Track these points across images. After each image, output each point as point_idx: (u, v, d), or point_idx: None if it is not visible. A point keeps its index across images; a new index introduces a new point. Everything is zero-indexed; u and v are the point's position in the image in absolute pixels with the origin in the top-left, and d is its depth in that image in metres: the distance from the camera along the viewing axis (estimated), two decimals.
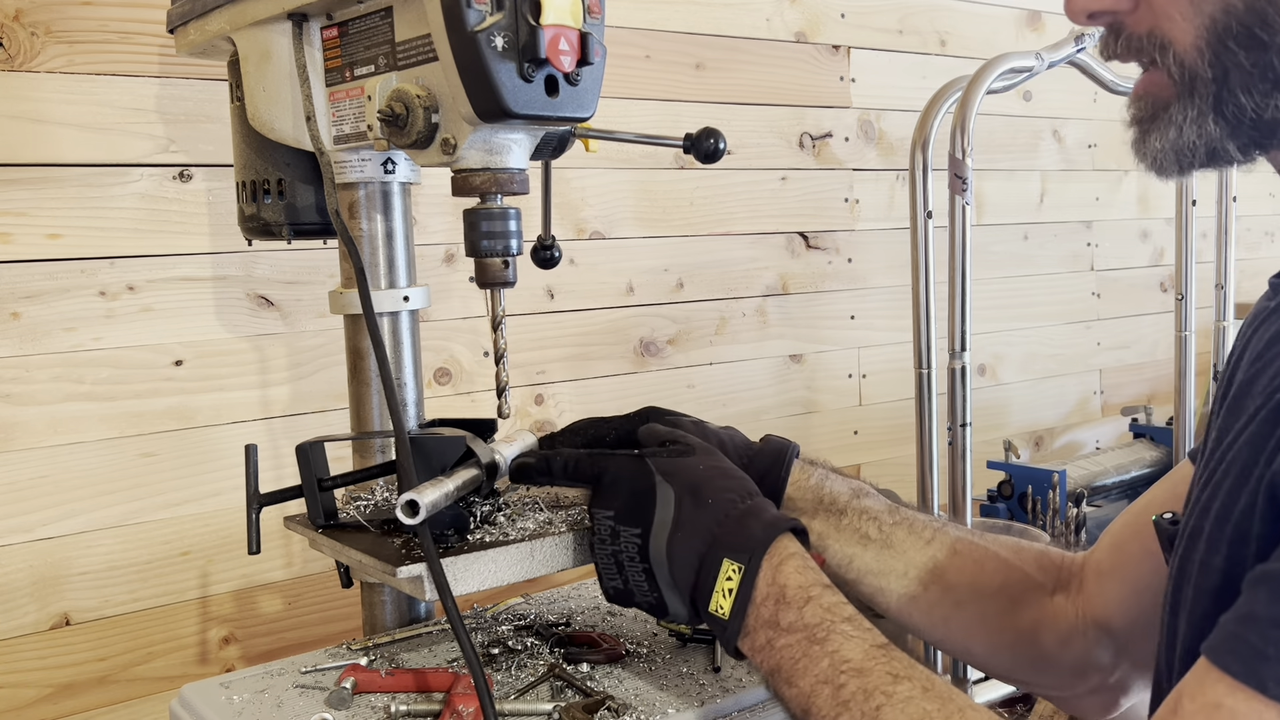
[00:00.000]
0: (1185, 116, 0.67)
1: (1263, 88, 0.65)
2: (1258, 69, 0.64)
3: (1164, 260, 2.73)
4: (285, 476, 1.39)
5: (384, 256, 1.12)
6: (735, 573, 0.81)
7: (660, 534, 0.84)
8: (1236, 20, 0.64)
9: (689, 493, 0.85)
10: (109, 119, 1.40)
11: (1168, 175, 0.71)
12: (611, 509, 0.88)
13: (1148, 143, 0.70)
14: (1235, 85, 0.65)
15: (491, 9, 0.86)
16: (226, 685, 1.03)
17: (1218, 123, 0.66)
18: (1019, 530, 1.72)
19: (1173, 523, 0.75)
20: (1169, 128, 0.68)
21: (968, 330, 1.31)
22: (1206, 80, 0.66)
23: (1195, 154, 0.68)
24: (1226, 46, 0.64)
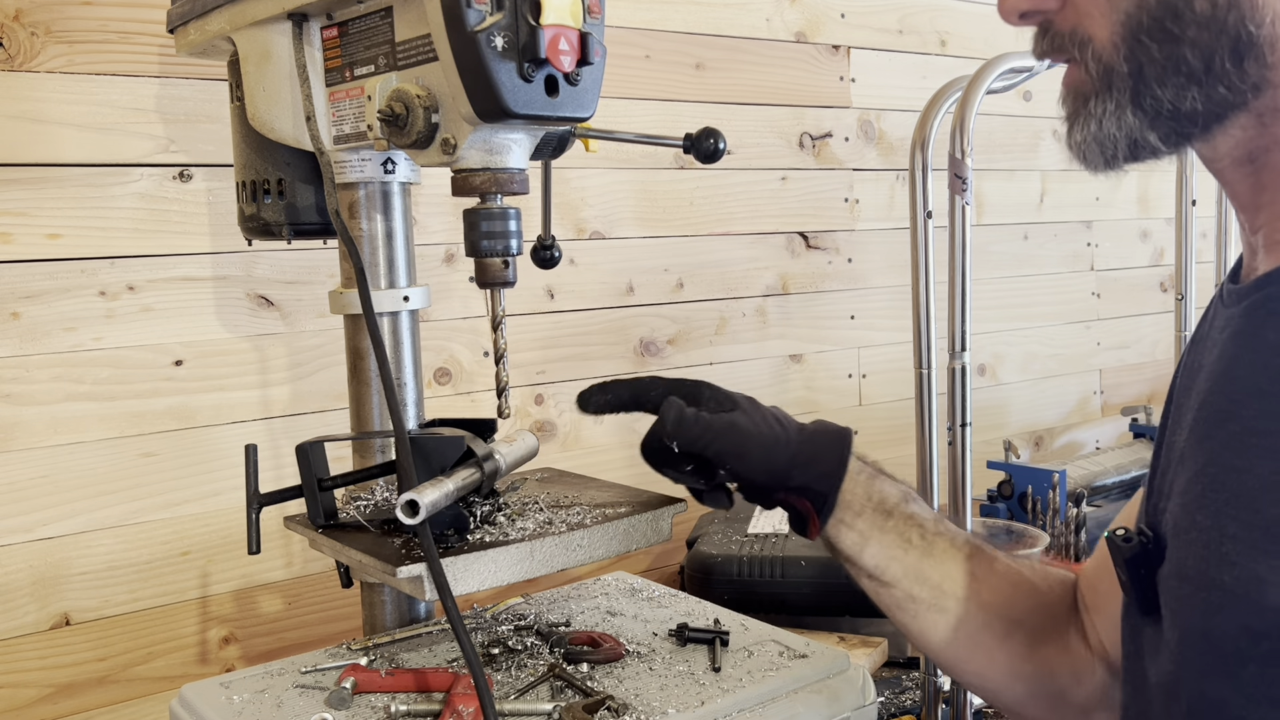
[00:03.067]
0: (1104, 110, 0.69)
1: (1177, 80, 0.66)
2: (1170, 61, 0.66)
3: (1164, 260, 2.73)
4: (285, 476, 1.39)
5: (384, 256, 1.12)
6: None
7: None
8: (1149, 15, 0.66)
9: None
10: (109, 119, 1.40)
11: (1095, 168, 0.72)
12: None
13: (1072, 136, 0.72)
14: (1150, 78, 0.67)
15: (491, 9, 0.86)
16: (226, 685, 1.03)
17: (1136, 114, 0.68)
18: (1019, 530, 1.72)
19: (1126, 539, 0.71)
20: (1089, 121, 0.70)
21: (968, 330, 1.30)
22: (1123, 74, 0.67)
23: (1117, 145, 0.69)
24: (1140, 41, 0.66)
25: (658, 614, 1.18)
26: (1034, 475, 1.93)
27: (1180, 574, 0.68)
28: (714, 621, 1.14)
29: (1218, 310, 0.75)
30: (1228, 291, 0.74)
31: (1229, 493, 0.65)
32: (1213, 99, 0.66)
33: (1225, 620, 0.64)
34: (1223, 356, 0.69)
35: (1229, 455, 0.66)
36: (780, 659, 1.05)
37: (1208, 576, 0.65)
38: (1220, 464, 0.66)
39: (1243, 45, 0.64)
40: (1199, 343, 0.76)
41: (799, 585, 1.49)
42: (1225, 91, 0.66)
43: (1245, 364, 0.67)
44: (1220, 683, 0.64)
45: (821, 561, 1.50)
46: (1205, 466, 0.67)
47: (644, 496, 1.12)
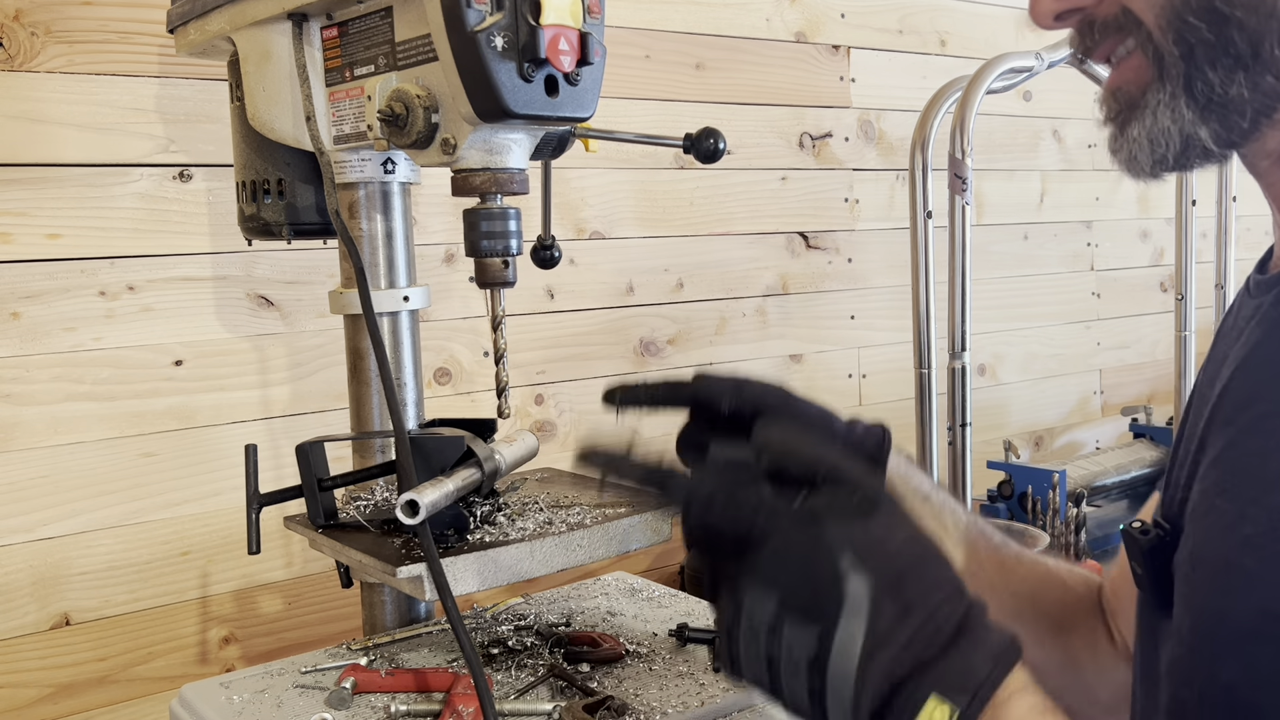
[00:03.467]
0: (1159, 100, 0.66)
1: (1226, 63, 0.64)
2: (1220, 43, 0.64)
3: (1164, 260, 2.73)
4: (285, 476, 1.39)
5: (384, 256, 1.12)
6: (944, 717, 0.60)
7: (848, 648, 0.60)
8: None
9: (889, 589, 0.61)
10: (109, 119, 1.40)
11: (1138, 172, 0.70)
12: (775, 587, 0.62)
13: (1128, 133, 0.69)
14: (1201, 61, 0.64)
15: (491, 9, 0.86)
16: (226, 685, 1.03)
17: (1189, 104, 0.66)
18: (1019, 530, 1.72)
19: (1143, 532, 0.70)
20: (1144, 114, 0.67)
21: (968, 330, 1.31)
22: (1174, 57, 0.65)
23: (1170, 142, 0.67)
24: (1187, 22, 0.64)
25: (658, 614, 1.18)
26: (1034, 475, 1.94)
27: (1195, 558, 0.68)
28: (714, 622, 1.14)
29: (1244, 301, 0.74)
30: (1255, 282, 0.74)
31: (1251, 476, 0.64)
32: (1260, 88, 0.64)
33: (1241, 602, 0.63)
34: (1248, 343, 0.69)
35: (1252, 439, 0.65)
36: None
37: (1224, 559, 0.64)
38: (1242, 448, 0.65)
39: None
40: (1224, 336, 0.75)
41: None
42: (1274, 80, 0.64)
43: (1271, 349, 0.66)
44: (1232, 666, 0.63)
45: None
46: (1225, 450, 0.66)
47: (644, 496, 1.12)
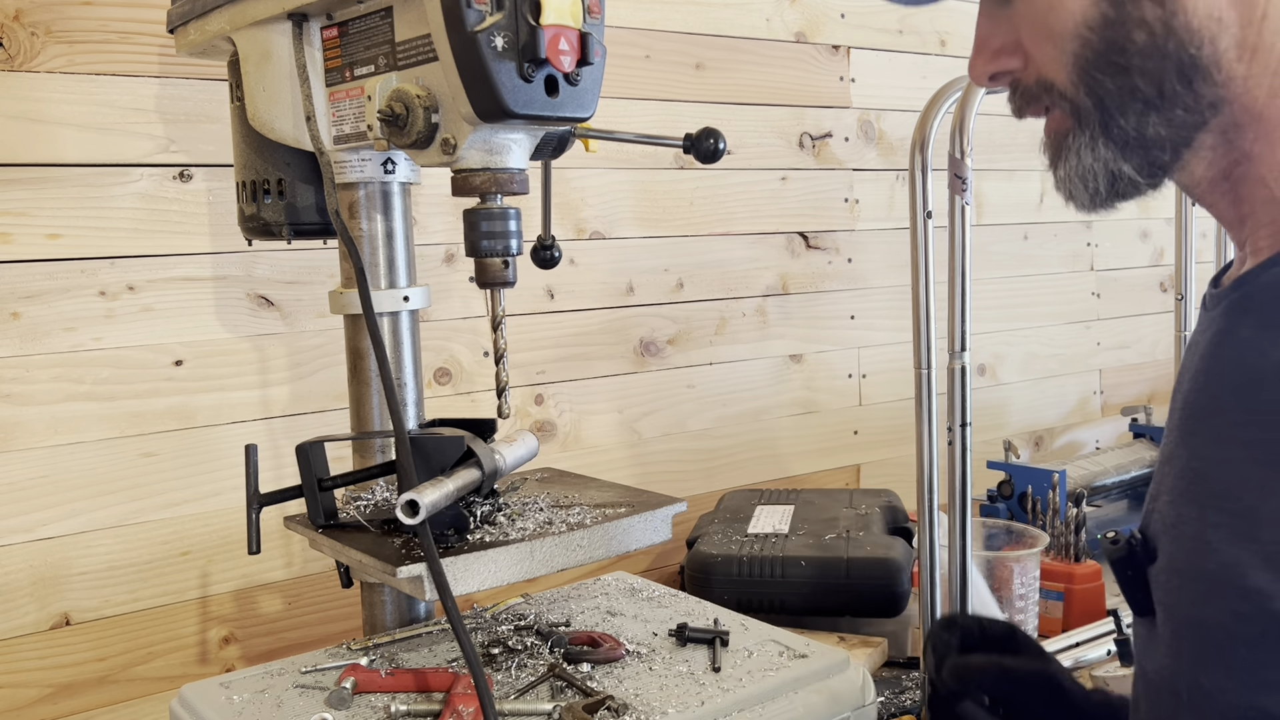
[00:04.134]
0: (1080, 143, 0.72)
1: (1136, 107, 0.69)
2: (1125, 91, 0.69)
3: (1164, 260, 2.73)
4: (285, 476, 1.40)
5: (384, 256, 1.12)
6: None
7: None
8: (1093, 51, 0.69)
9: None
10: (109, 119, 1.40)
11: (1083, 205, 0.76)
12: None
13: (1057, 174, 0.76)
14: (1113, 108, 0.70)
15: (491, 9, 0.86)
16: (226, 685, 1.03)
17: (1108, 145, 0.71)
18: (1019, 530, 1.72)
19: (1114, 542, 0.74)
20: (1069, 156, 0.74)
21: (968, 330, 1.30)
22: (1088, 108, 0.71)
23: (1097, 178, 0.73)
24: (1093, 76, 0.70)
25: (658, 614, 1.18)
26: (1034, 475, 1.94)
27: (1171, 568, 0.70)
28: (714, 621, 1.14)
29: (1201, 316, 0.77)
30: (1209, 297, 0.76)
31: (1212, 484, 0.67)
32: (1174, 123, 0.69)
33: (1214, 608, 0.66)
34: (1204, 356, 0.72)
35: (1211, 449, 0.68)
36: (780, 659, 1.05)
37: (1195, 567, 0.67)
38: (1204, 458, 0.69)
39: (1187, 68, 0.67)
40: (1189, 350, 0.78)
41: (799, 585, 1.49)
42: (1184, 113, 0.69)
43: (1223, 360, 0.70)
44: (1214, 672, 0.66)
45: (821, 561, 1.50)
46: (1190, 462, 0.69)
47: (644, 496, 1.12)
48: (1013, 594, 1.61)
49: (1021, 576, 1.62)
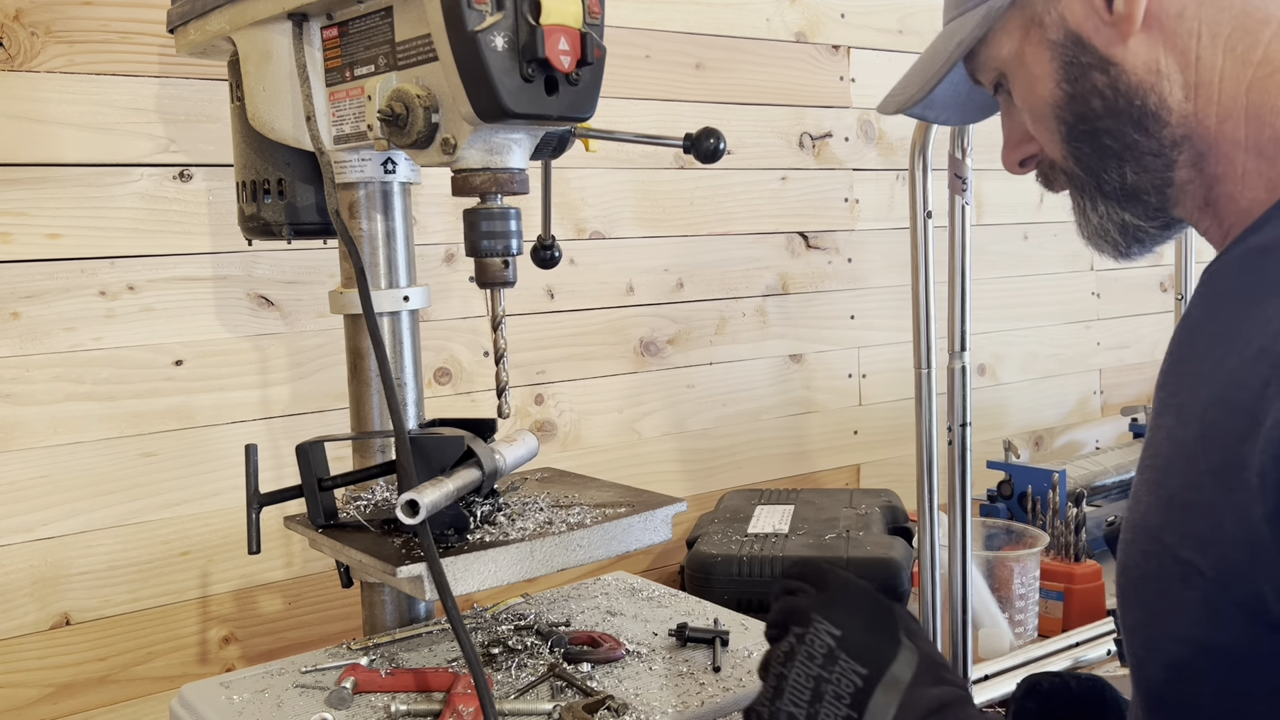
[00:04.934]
0: (1085, 205, 0.84)
1: (1113, 162, 0.80)
2: (1099, 150, 0.80)
3: (1164, 260, 2.73)
4: (285, 476, 1.40)
5: (384, 256, 1.12)
6: None
7: (892, 690, 0.71)
8: (1068, 125, 0.81)
9: (931, 663, 0.75)
10: (109, 119, 1.40)
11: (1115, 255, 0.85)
12: (840, 629, 0.74)
13: (1083, 235, 0.86)
14: (1096, 168, 0.81)
15: (491, 9, 0.86)
16: (226, 685, 1.03)
17: (1105, 201, 0.82)
18: (1019, 530, 1.72)
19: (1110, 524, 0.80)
20: (1081, 218, 0.85)
21: (968, 330, 1.30)
22: (1078, 173, 0.83)
23: (1111, 232, 0.83)
24: (1074, 144, 0.81)
25: (658, 614, 1.18)
26: (1034, 475, 1.94)
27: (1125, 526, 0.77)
28: (714, 621, 1.14)
29: None
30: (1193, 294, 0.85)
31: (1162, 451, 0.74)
32: (1147, 167, 0.79)
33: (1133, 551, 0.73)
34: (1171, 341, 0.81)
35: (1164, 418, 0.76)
36: None
37: (1128, 520, 0.75)
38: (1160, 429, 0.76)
39: (1139, 117, 0.77)
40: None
41: None
42: (1152, 157, 0.78)
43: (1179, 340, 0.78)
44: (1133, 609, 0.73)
45: (822, 561, 1.50)
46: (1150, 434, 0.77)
47: (644, 496, 1.12)
48: (1013, 594, 1.61)
49: (1021, 576, 1.62)
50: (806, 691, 0.72)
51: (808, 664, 0.72)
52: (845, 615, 0.75)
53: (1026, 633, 1.63)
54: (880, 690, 0.70)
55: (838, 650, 0.72)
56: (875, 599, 0.77)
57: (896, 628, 0.74)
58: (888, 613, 0.76)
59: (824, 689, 0.71)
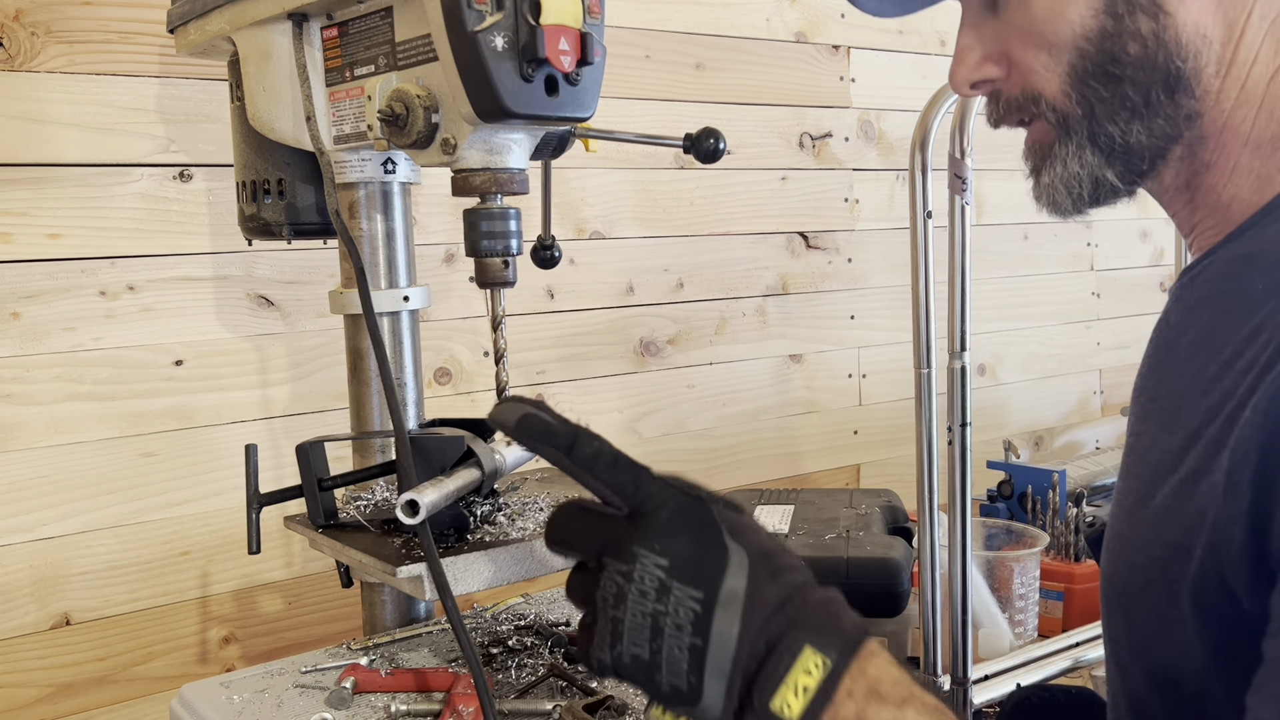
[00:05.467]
0: (1067, 151, 0.77)
1: (1124, 115, 0.74)
2: (1116, 100, 0.74)
3: (1164, 260, 2.73)
4: (285, 476, 1.40)
5: (384, 256, 1.12)
6: (817, 667, 0.64)
7: (730, 606, 0.65)
8: (1091, 62, 0.74)
9: (763, 560, 0.67)
10: (109, 119, 1.40)
11: (1063, 211, 0.80)
12: (666, 556, 0.66)
13: (1040, 181, 0.80)
14: (1101, 117, 0.75)
15: (491, 9, 0.86)
16: (226, 685, 1.03)
17: (1094, 153, 0.76)
18: (1019, 530, 1.72)
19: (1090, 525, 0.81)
20: (1055, 163, 0.78)
21: (968, 330, 1.30)
22: (1078, 117, 0.75)
23: (1081, 185, 0.77)
24: (1088, 85, 0.74)
25: None
26: (1034, 475, 1.93)
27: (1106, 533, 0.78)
28: None
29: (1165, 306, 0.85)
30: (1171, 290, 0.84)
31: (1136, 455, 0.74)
32: (1154, 132, 0.74)
33: (1119, 563, 0.73)
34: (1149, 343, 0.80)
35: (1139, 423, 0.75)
36: None
37: (1112, 530, 0.75)
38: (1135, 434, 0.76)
39: (1173, 79, 0.72)
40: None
41: None
42: (1164, 124, 0.74)
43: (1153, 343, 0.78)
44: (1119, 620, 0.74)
45: (821, 561, 1.50)
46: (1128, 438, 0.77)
47: None
48: (1013, 594, 1.61)
49: (1021, 576, 1.62)
50: (645, 630, 0.66)
51: (641, 601, 0.66)
52: (669, 539, 0.66)
53: (1026, 633, 1.63)
54: (720, 610, 0.65)
55: (669, 580, 0.65)
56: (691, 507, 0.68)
57: (721, 534, 0.67)
58: (708, 519, 0.68)
59: (663, 623, 0.65)
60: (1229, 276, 0.73)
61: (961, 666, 1.30)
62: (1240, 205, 0.75)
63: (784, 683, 0.63)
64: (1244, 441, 0.62)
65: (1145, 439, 0.74)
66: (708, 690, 0.64)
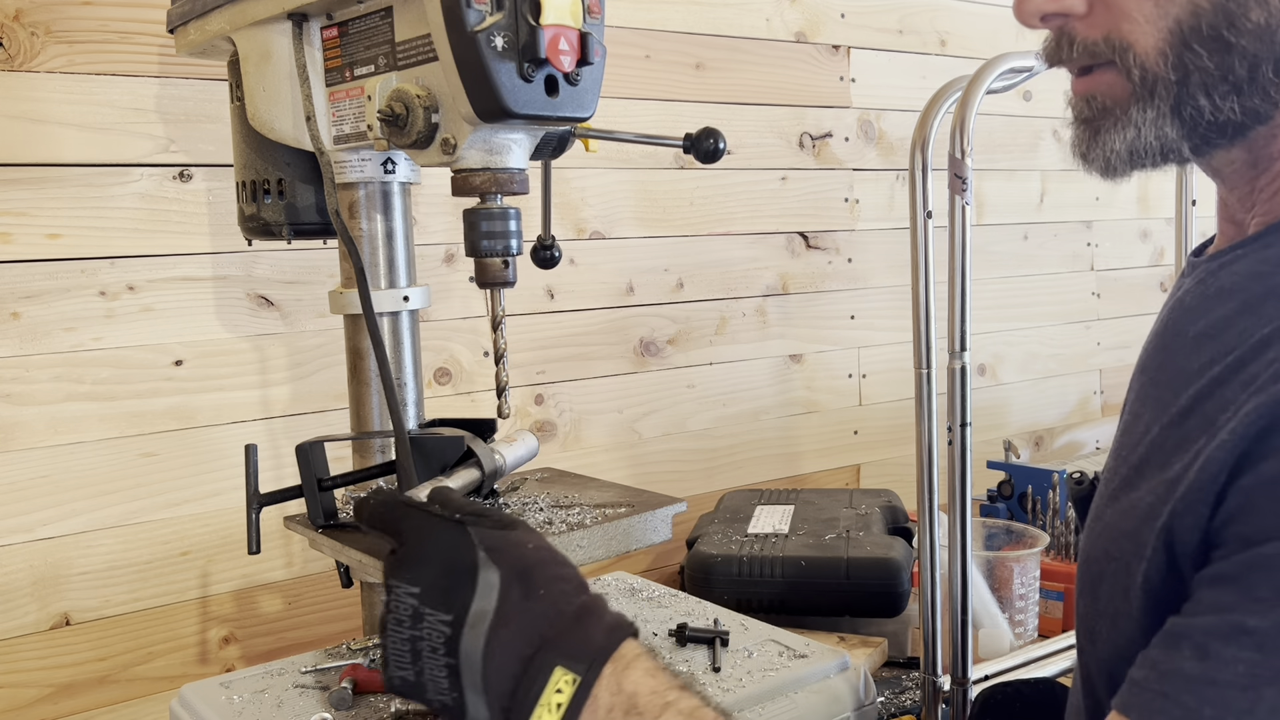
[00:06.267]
0: (1144, 118, 0.68)
1: (1223, 89, 0.66)
2: (1220, 71, 0.65)
3: (1164, 260, 2.73)
4: (285, 476, 1.40)
5: (384, 256, 1.12)
6: (568, 684, 0.67)
7: (477, 627, 0.69)
8: (1206, 23, 0.65)
9: (517, 578, 0.71)
10: (109, 119, 1.40)
11: (1112, 175, 0.72)
12: (417, 585, 0.71)
13: (1099, 142, 0.70)
14: (1195, 88, 0.66)
15: (491, 9, 0.86)
16: (226, 685, 1.03)
17: (1175, 124, 0.67)
18: (1019, 530, 1.72)
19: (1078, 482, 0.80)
20: (1127, 128, 0.69)
21: (968, 330, 1.30)
22: (1169, 83, 0.66)
23: (1150, 154, 0.69)
24: (1191, 49, 0.65)
25: (658, 614, 1.18)
26: (1034, 475, 1.93)
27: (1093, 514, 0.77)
28: (714, 621, 1.14)
29: (1178, 281, 0.80)
30: (1188, 264, 0.79)
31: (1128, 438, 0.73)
32: (1246, 110, 0.66)
33: (1095, 546, 0.73)
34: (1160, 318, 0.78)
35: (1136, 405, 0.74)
36: (780, 659, 1.05)
37: (1096, 507, 0.74)
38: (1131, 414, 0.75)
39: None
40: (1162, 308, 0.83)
41: (799, 585, 1.49)
42: (1259, 102, 0.66)
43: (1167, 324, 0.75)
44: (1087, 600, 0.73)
45: (821, 561, 1.50)
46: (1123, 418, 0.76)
47: (644, 496, 1.12)
48: (1013, 594, 1.61)
49: (1021, 576, 1.62)
50: (407, 655, 0.71)
51: (398, 629, 0.71)
52: (419, 568, 0.72)
53: (1026, 633, 1.63)
54: (467, 630, 0.69)
55: (421, 607, 0.70)
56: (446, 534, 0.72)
57: (474, 558, 0.71)
58: (464, 543, 0.72)
59: (420, 646, 0.71)
60: (1258, 276, 0.69)
61: (961, 666, 1.30)
62: None
63: (539, 703, 0.67)
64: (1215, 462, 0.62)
65: (1140, 423, 0.73)
66: (470, 704, 0.69)
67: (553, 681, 0.68)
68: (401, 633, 0.71)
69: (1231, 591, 0.59)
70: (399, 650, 0.71)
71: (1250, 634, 0.57)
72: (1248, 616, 0.58)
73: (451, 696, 0.70)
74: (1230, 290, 0.71)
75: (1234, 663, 0.57)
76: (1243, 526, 0.60)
